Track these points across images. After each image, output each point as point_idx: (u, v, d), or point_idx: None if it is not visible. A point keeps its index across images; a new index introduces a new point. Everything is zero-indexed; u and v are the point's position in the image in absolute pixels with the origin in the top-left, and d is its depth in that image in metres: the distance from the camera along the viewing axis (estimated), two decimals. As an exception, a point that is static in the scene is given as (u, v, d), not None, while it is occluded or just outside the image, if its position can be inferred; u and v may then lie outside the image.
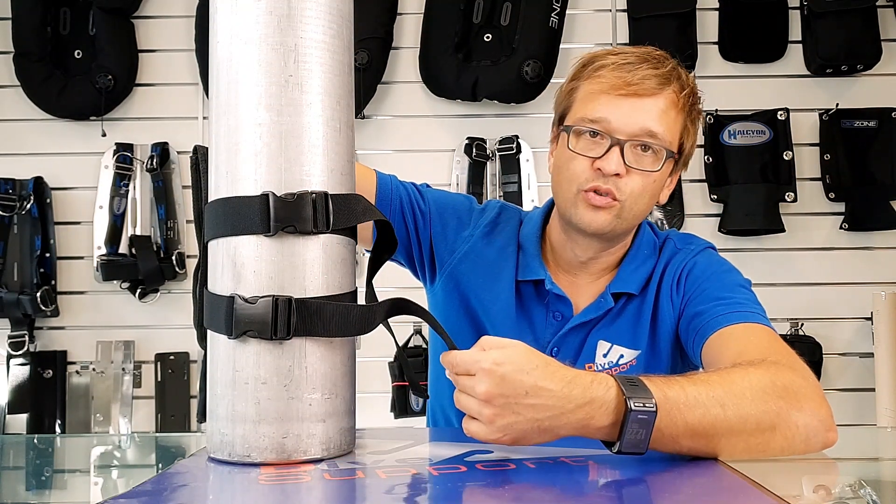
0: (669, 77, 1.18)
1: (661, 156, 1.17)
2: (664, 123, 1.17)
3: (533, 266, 1.27)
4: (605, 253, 1.26)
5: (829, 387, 2.68)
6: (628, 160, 1.16)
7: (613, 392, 0.84)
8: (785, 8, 2.74)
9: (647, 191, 1.19)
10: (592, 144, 1.17)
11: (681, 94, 1.19)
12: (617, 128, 1.16)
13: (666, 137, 1.17)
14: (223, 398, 0.86)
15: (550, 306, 1.26)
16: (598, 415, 0.83)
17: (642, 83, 1.15)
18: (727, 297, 1.16)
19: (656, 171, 1.17)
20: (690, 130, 1.22)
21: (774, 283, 2.70)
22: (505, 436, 0.84)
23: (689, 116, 1.21)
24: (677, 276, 1.24)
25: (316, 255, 0.87)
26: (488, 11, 2.71)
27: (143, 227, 2.74)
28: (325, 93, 0.88)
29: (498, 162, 2.72)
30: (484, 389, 0.82)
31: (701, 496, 0.80)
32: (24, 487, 1.04)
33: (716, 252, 1.30)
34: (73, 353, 2.76)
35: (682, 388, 0.87)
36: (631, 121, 1.16)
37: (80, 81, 2.73)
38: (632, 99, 1.16)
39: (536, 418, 0.82)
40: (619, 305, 1.25)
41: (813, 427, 0.92)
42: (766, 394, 0.90)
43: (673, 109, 1.18)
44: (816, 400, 0.95)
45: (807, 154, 2.74)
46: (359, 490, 0.79)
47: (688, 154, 1.24)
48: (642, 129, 1.16)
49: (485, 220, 1.33)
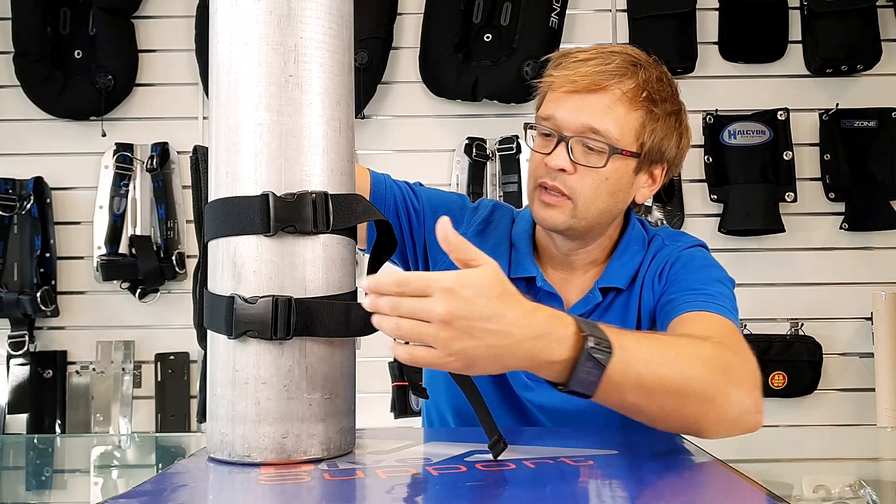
0: (616, 73, 1.16)
1: (606, 153, 1.16)
2: (609, 119, 1.15)
3: (525, 264, 1.28)
4: (583, 250, 1.26)
5: (829, 387, 2.68)
6: (576, 157, 1.16)
7: (572, 329, 0.83)
8: (785, 8, 2.74)
9: (602, 189, 1.18)
10: (544, 142, 1.20)
11: (632, 91, 1.16)
12: (562, 124, 1.17)
13: (612, 134, 1.15)
14: (223, 398, 0.86)
15: (542, 303, 1.26)
16: (554, 348, 0.82)
17: (584, 79, 1.15)
18: (699, 289, 1.17)
19: (602, 167, 1.16)
20: (658, 130, 1.19)
21: (774, 283, 2.70)
22: (456, 361, 0.80)
23: (648, 113, 1.18)
24: (661, 268, 1.25)
25: (316, 255, 0.87)
26: (488, 11, 2.71)
27: (143, 227, 2.74)
28: (325, 93, 0.88)
29: (498, 162, 2.72)
30: (443, 310, 0.77)
31: (701, 496, 0.80)
32: (24, 487, 1.05)
33: (705, 250, 1.29)
34: (73, 353, 2.76)
35: (637, 342, 0.88)
36: (573, 117, 1.16)
37: (80, 81, 2.73)
38: (575, 95, 1.17)
39: (492, 345, 0.79)
40: (608, 300, 1.26)
41: (746, 406, 0.94)
42: (710, 364, 0.92)
43: (621, 106, 1.16)
44: (753, 382, 0.96)
45: (807, 154, 2.74)
46: (359, 490, 0.79)
47: (656, 150, 1.20)
48: (584, 125, 1.16)
49: (478, 218, 1.34)
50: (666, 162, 1.24)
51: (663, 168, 1.25)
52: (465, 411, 1.14)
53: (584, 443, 0.91)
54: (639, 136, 1.18)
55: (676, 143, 1.23)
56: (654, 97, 1.18)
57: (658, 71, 1.21)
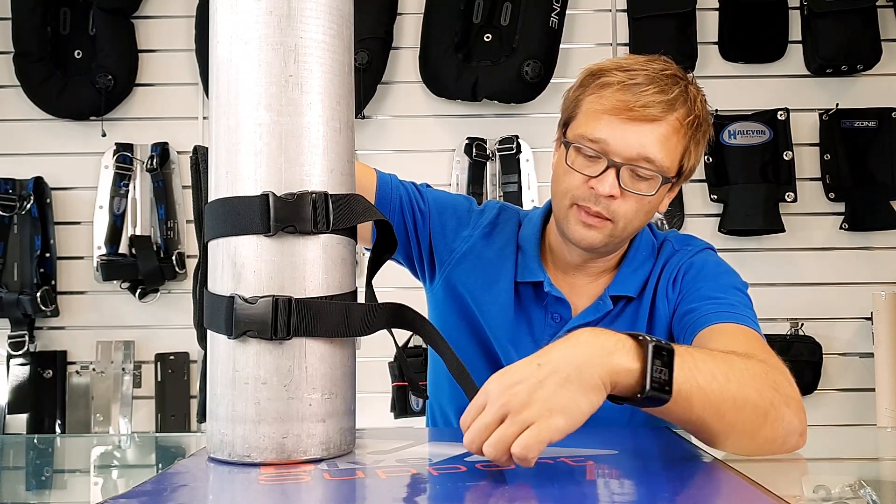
0: (675, 102, 1.14)
1: (657, 182, 1.15)
2: (664, 150, 1.14)
3: (532, 267, 1.27)
4: (602, 259, 1.26)
5: (829, 387, 2.68)
6: (624, 183, 1.15)
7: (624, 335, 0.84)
8: (785, 8, 2.74)
9: (642, 211, 1.18)
10: (589, 163, 1.16)
11: (685, 120, 1.15)
12: (615, 150, 1.14)
13: (664, 164, 1.15)
14: (223, 398, 0.86)
15: (549, 308, 1.26)
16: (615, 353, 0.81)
17: (646, 109, 1.12)
18: (720, 298, 1.17)
19: (651, 195, 1.16)
20: (693, 152, 1.19)
21: (774, 283, 2.70)
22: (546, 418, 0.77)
23: (692, 140, 1.18)
24: (674, 275, 1.24)
25: (316, 255, 0.87)
26: (488, 11, 2.71)
27: (143, 227, 2.74)
28: (325, 93, 0.88)
29: (498, 162, 2.72)
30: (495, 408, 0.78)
31: (701, 496, 0.80)
32: (24, 487, 1.04)
33: (714, 253, 1.30)
34: (73, 353, 2.76)
35: (690, 352, 0.87)
36: (629, 145, 1.13)
37: (80, 81, 2.73)
38: (633, 124, 1.13)
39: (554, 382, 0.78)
40: (618, 308, 1.25)
41: (794, 426, 0.93)
42: (762, 381, 0.91)
43: (675, 136, 1.15)
44: (799, 402, 0.96)
45: (807, 154, 2.74)
46: (359, 490, 0.79)
47: (690, 170, 1.22)
48: (640, 154, 1.14)
49: (484, 220, 1.33)
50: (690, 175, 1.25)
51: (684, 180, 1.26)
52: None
53: (584, 443, 0.91)
54: (682, 161, 1.19)
55: (699, 158, 1.23)
56: (701, 123, 1.18)
57: (697, 90, 1.20)
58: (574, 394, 0.79)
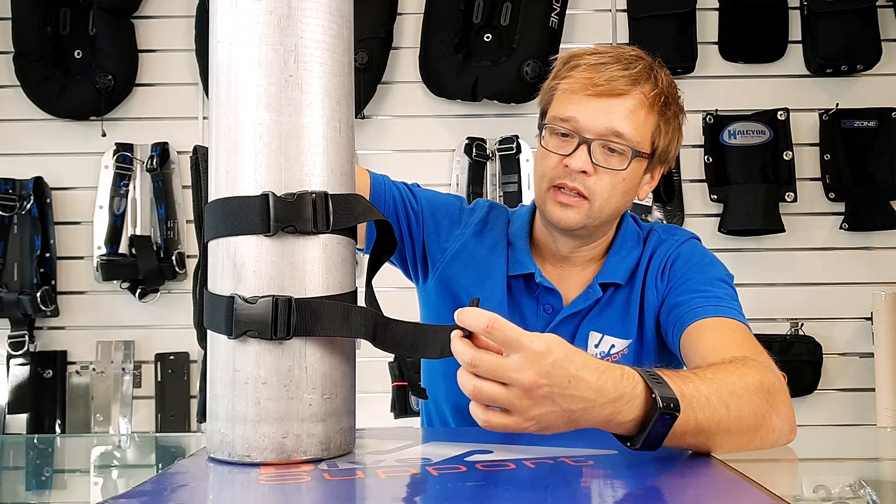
0: (639, 78, 1.19)
1: (628, 156, 1.19)
2: (632, 123, 1.18)
3: (523, 260, 1.29)
4: (586, 248, 1.28)
5: (829, 387, 2.68)
6: (596, 159, 1.18)
7: (640, 388, 0.83)
8: (785, 8, 2.74)
9: (618, 189, 1.21)
10: (563, 142, 1.21)
11: (650, 93, 1.20)
12: (585, 127, 1.18)
13: (633, 138, 1.19)
14: (223, 398, 0.86)
15: (541, 299, 1.28)
16: (625, 410, 0.82)
17: (609, 83, 1.17)
18: (706, 290, 1.19)
19: (623, 169, 1.19)
20: (664, 130, 1.23)
21: (774, 283, 2.70)
22: (533, 425, 0.80)
23: (662, 116, 1.22)
24: (662, 265, 1.27)
25: (316, 255, 0.87)
26: (488, 11, 2.71)
27: (143, 227, 2.74)
28: (325, 93, 0.88)
29: (498, 162, 2.72)
30: (528, 379, 0.76)
31: (701, 496, 0.80)
32: (24, 487, 1.04)
33: (699, 243, 1.33)
34: (73, 353, 2.76)
35: (696, 388, 0.88)
36: (598, 120, 1.18)
37: (80, 81, 2.73)
38: (600, 99, 1.18)
39: (571, 409, 0.79)
40: (608, 295, 1.27)
41: (783, 431, 0.97)
42: (756, 395, 0.94)
43: (642, 110, 1.19)
44: (787, 402, 0.99)
45: (807, 154, 2.74)
46: (359, 490, 0.79)
47: (664, 152, 1.25)
48: (608, 128, 1.18)
49: (475, 218, 1.35)
50: (667, 162, 1.28)
51: (662, 168, 1.29)
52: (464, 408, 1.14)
53: (584, 443, 0.91)
54: (653, 139, 1.22)
55: (676, 144, 1.27)
56: (669, 101, 1.22)
57: (663, 71, 1.24)
58: (563, 425, 0.81)
